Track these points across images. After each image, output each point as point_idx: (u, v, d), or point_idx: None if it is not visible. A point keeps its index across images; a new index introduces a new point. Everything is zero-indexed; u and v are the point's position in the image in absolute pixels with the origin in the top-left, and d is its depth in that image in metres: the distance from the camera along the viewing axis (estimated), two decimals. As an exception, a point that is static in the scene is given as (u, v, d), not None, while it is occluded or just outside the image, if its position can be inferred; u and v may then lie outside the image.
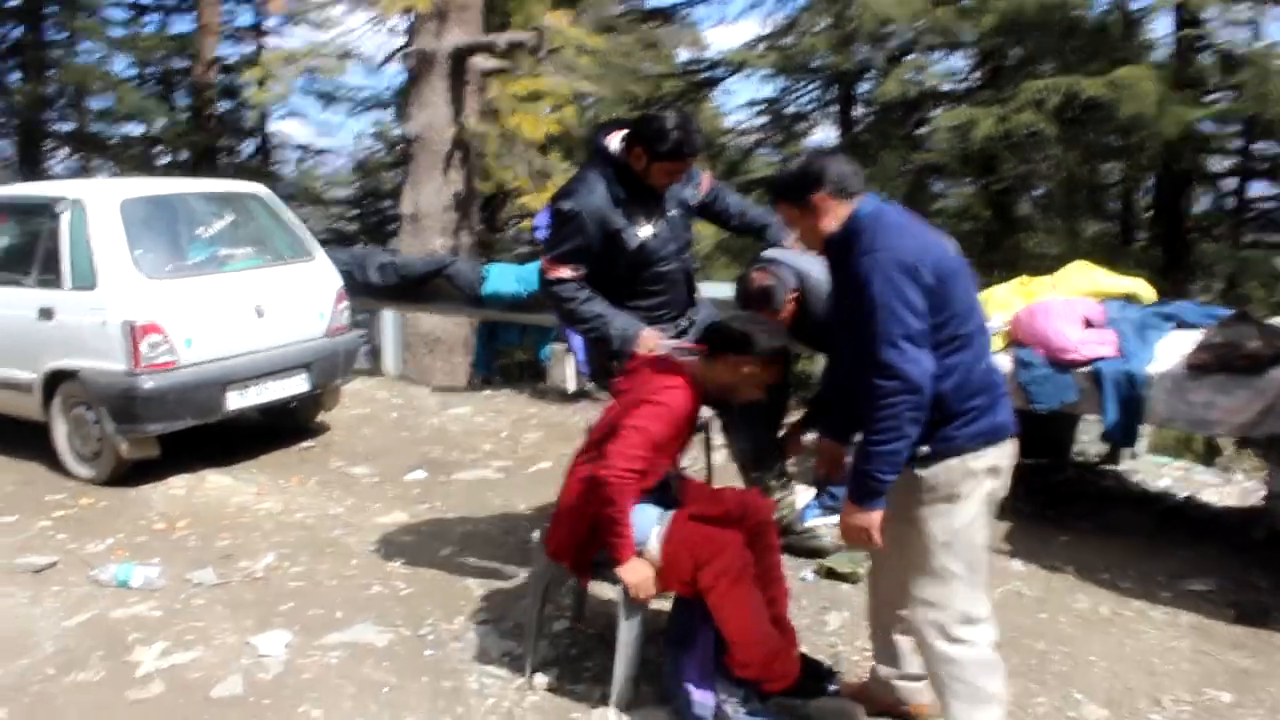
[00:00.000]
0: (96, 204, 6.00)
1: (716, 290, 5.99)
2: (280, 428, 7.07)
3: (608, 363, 4.14)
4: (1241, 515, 5.65)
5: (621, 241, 4.05)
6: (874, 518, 2.92)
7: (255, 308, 6.29)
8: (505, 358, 9.88)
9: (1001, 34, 12.19)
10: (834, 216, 2.99)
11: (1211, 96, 12.37)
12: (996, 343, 5.36)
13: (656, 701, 3.64)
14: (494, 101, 10.23)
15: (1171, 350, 5.09)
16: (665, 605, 4.12)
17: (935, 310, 2.81)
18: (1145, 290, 5.81)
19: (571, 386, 8.08)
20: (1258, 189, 14.85)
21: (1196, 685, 3.80)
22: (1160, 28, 13.51)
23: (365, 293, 8.29)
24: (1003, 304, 5.69)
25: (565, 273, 4.05)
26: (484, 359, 8.70)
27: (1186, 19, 12.07)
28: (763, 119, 17.24)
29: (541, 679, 3.80)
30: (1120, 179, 14.11)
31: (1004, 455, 3.01)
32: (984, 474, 2.95)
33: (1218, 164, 14.73)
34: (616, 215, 4.01)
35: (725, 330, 3.53)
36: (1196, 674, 3.87)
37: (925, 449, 2.92)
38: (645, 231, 4.08)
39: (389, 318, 9.10)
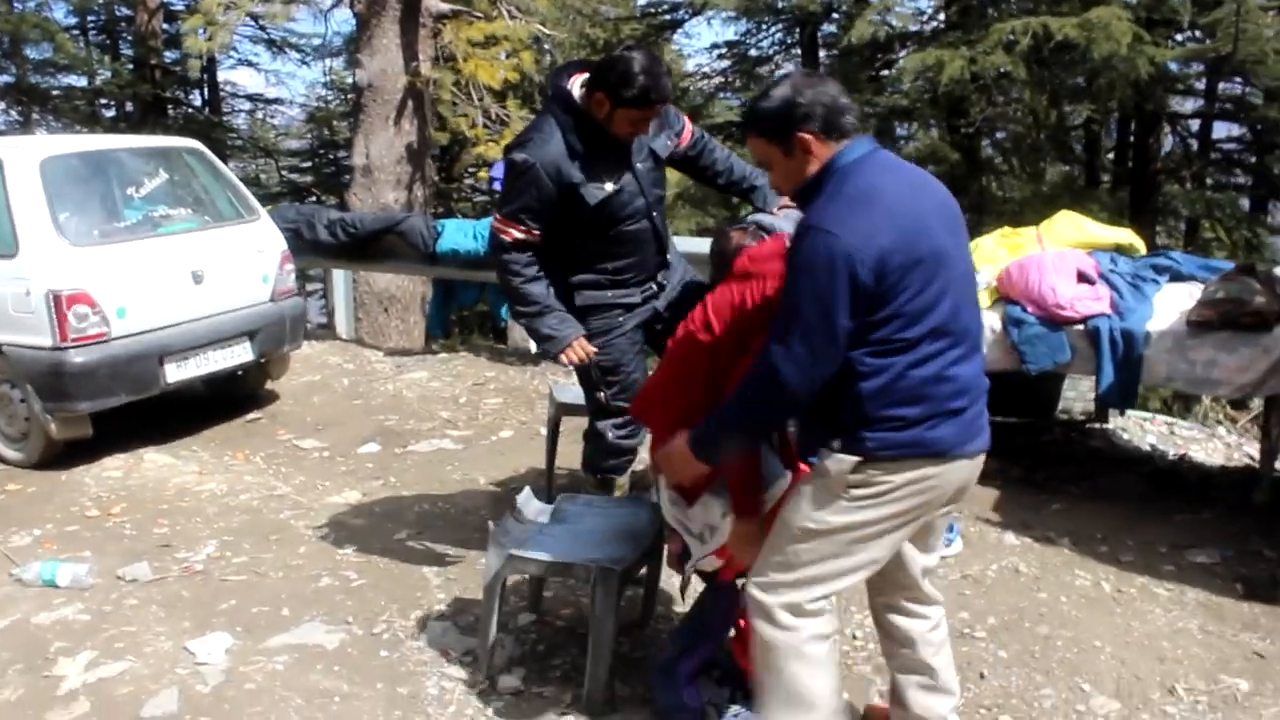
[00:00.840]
0: (15, 164, 5.47)
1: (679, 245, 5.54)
2: (225, 399, 6.60)
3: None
4: (1236, 475, 5.38)
5: (580, 198, 3.61)
6: (687, 465, 2.66)
7: (193, 273, 5.81)
8: (457, 317, 9.45)
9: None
10: (817, 159, 2.49)
11: (1180, 36, 12.09)
12: (983, 299, 5.03)
13: (635, 703, 3.29)
14: (449, 47, 9.68)
15: (1169, 306, 4.76)
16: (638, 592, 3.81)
17: (871, 309, 2.34)
18: (1135, 241, 5.48)
19: (534, 347, 7.66)
20: (1221, 130, 14.65)
21: (1211, 672, 3.50)
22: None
23: (314, 251, 7.79)
24: (989, 257, 5.34)
25: (517, 233, 3.62)
26: (439, 320, 8.23)
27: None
28: (725, 63, 16.77)
29: (508, 680, 3.44)
30: (1084, 121, 13.79)
31: (937, 476, 2.47)
32: (897, 490, 2.46)
33: (1180, 105, 14.49)
34: (574, 168, 3.57)
35: None
36: (1210, 659, 3.57)
37: (836, 443, 2.48)
38: (608, 187, 3.65)
39: (340, 277, 8.61)
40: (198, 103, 20.85)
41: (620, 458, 4.10)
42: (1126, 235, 5.48)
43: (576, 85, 3.62)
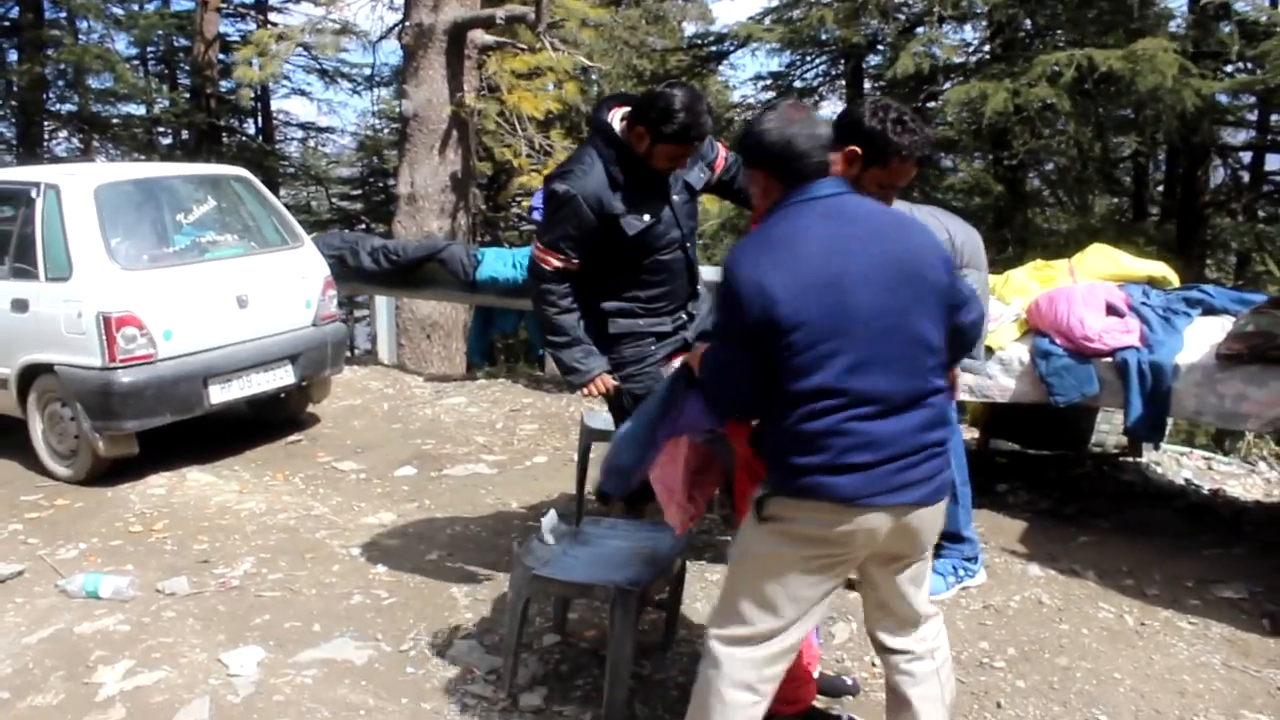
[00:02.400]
0: (71, 190, 5.70)
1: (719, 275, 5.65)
2: (267, 421, 6.78)
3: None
4: (1270, 511, 5.35)
5: (619, 229, 3.72)
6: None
7: (238, 297, 5.99)
8: (502, 345, 9.59)
9: (1015, 4, 11.81)
10: (767, 194, 2.58)
11: (1229, 68, 12.02)
12: (1013, 331, 5.07)
13: (652, 724, 3.36)
14: (493, 78, 9.88)
15: (1200, 339, 4.77)
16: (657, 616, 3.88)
17: (761, 351, 2.42)
18: (1168, 274, 5.49)
19: (569, 374, 7.81)
20: (1274, 162, 14.49)
21: (1231, 707, 3.50)
22: (1175, -2, 13.07)
23: (358, 278, 7.99)
24: (1019, 289, 5.38)
25: (556, 261, 3.73)
26: (478, 346, 8.39)
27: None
28: (769, 94, 16.86)
29: (530, 699, 3.52)
30: (1132, 153, 13.72)
31: (846, 523, 2.45)
32: (800, 526, 2.49)
33: (1232, 137, 14.36)
34: (614, 200, 3.68)
35: None
36: (1231, 694, 3.56)
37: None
38: (646, 218, 3.76)
39: (383, 304, 8.81)
40: (251, 131, 21.34)
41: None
42: (1159, 268, 5.49)
43: (617, 118, 3.74)
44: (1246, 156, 14.24)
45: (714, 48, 17.02)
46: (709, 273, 5.61)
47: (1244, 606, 4.18)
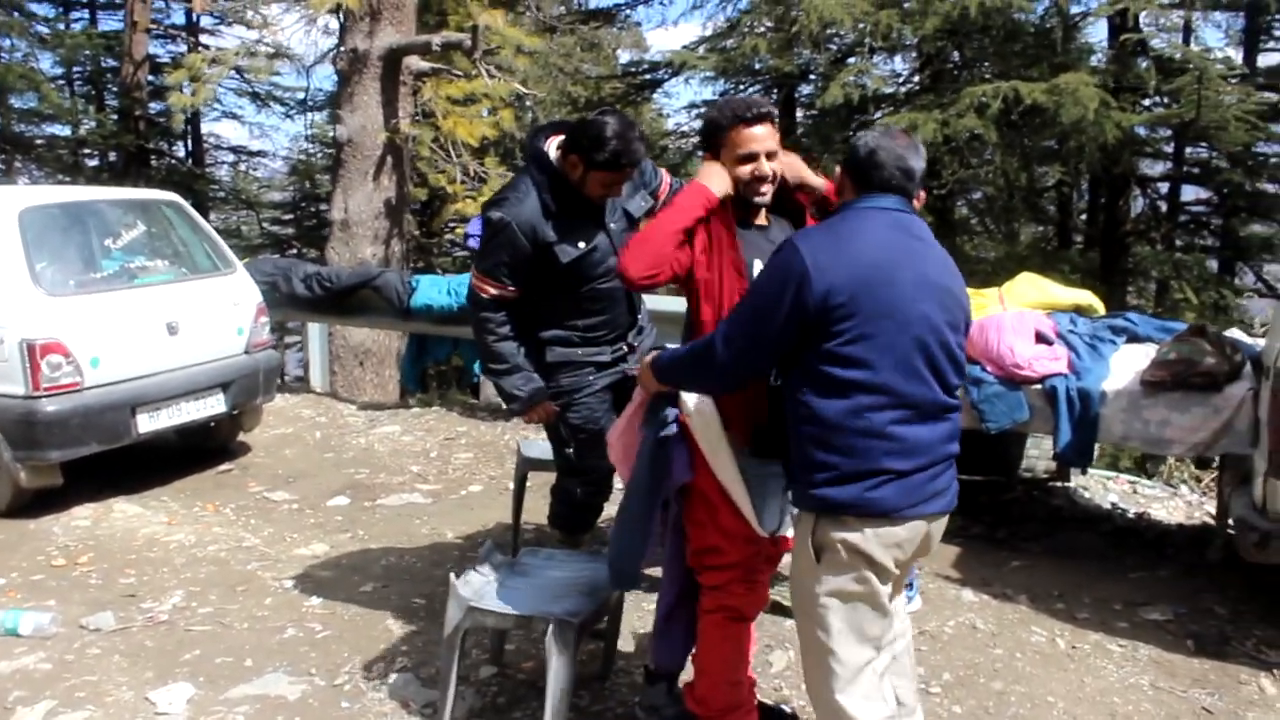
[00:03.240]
0: (-7, 214, 5.54)
1: (669, 304, 5.62)
2: (197, 450, 6.63)
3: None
4: (1192, 533, 5.48)
5: (553, 256, 3.72)
6: (648, 380, 2.95)
7: (168, 324, 5.87)
8: (436, 373, 9.51)
9: (944, 37, 12.05)
10: (842, 194, 2.76)
11: (1146, 101, 12.38)
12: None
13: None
14: (428, 104, 9.84)
15: (1125, 366, 4.88)
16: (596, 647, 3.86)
17: (809, 335, 2.54)
18: (1094, 302, 5.62)
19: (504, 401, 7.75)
20: (1189, 193, 14.94)
21: (1160, 728, 3.56)
22: (1096, 33, 13.46)
23: (290, 305, 7.88)
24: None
25: (494, 289, 3.72)
26: (412, 374, 8.30)
27: (1121, 25, 12.04)
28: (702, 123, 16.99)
29: (466, 733, 3.48)
30: (1056, 183, 14.05)
31: (889, 535, 2.61)
32: (858, 546, 2.60)
33: (1150, 168, 14.77)
34: (548, 227, 3.68)
35: None
36: (1159, 715, 3.63)
37: (789, 493, 2.82)
38: (581, 246, 3.76)
39: (315, 331, 8.69)
40: (181, 154, 21.00)
41: (587, 516, 4.17)
42: (1086, 296, 5.62)
43: (552, 146, 3.74)
44: (1164, 187, 14.66)
45: (648, 75, 17.14)
46: (659, 303, 5.65)
47: (1170, 628, 4.27)
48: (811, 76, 14.53)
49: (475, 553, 5.01)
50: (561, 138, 3.74)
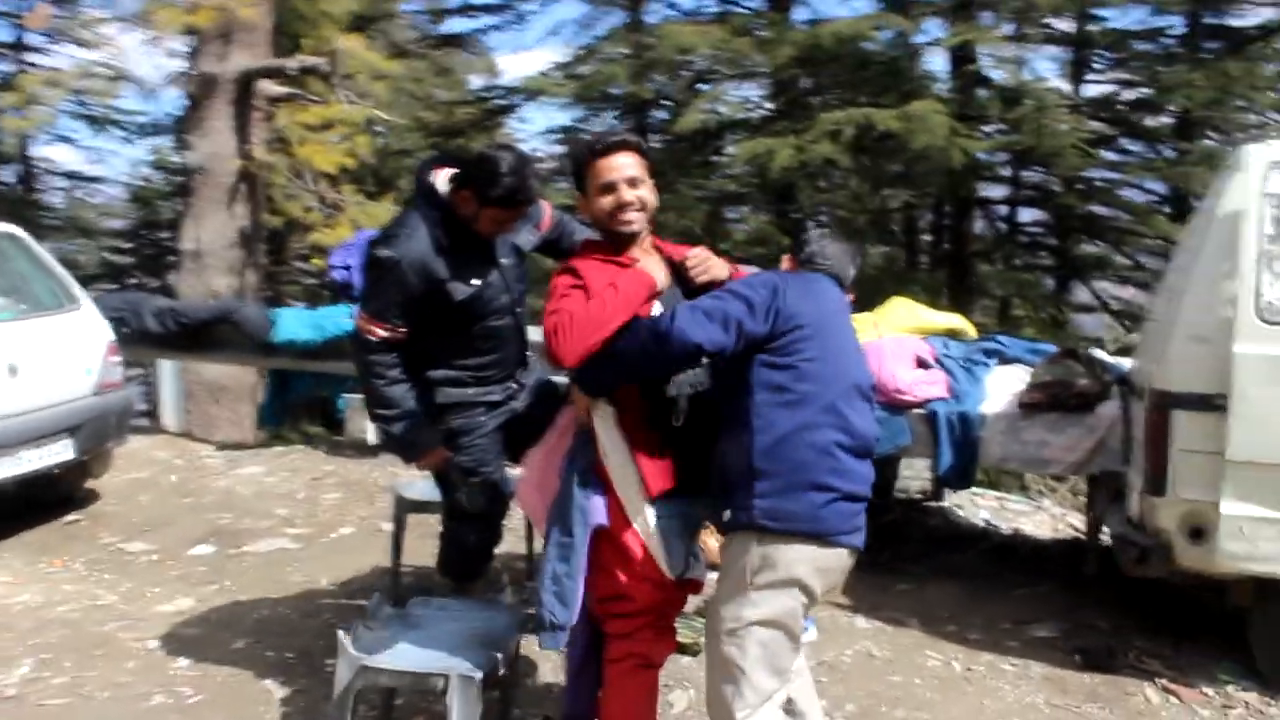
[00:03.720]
0: None
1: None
2: (40, 501, 6.10)
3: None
4: (1065, 547, 5.60)
5: (446, 295, 3.53)
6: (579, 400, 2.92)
7: (8, 365, 5.40)
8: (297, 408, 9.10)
9: (797, 65, 12.25)
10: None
11: (988, 128, 12.82)
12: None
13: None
14: (283, 130, 9.44)
15: (1001, 388, 4.95)
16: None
17: (772, 336, 2.65)
18: (965, 326, 5.71)
19: (372, 439, 7.40)
20: (1025, 215, 15.58)
21: (1060, 748, 3.58)
22: (939, 64, 13.91)
23: (141, 342, 7.37)
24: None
25: (382, 331, 3.50)
26: (274, 412, 7.89)
27: (962, 56, 12.46)
28: (559, 148, 16.87)
29: (358, 800, 3.23)
30: (903, 205, 14.44)
31: (825, 559, 2.68)
32: (795, 570, 2.66)
33: (990, 191, 15.34)
34: (440, 265, 3.49)
35: None
36: (1058, 735, 3.65)
37: (727, 512, 2.77)
38: (473, 283, 3.58)
39: (167, 367, 8.17)
40: (10, 179, 19.74)
41: (479, 562, 3.98)
42: (957, 320, 5.70)
43: (441, 180, 3.55)
44: (1003, 209, 15.23)
45: (502, 101, 16.94)
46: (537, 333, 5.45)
47: (1057, 644, 4.33)
48: (665, 102, 14.60)
49: (352, 601, 4.80)
50: (451, 171, 3.57)
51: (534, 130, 36.69)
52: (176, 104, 16.77)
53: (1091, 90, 14.16)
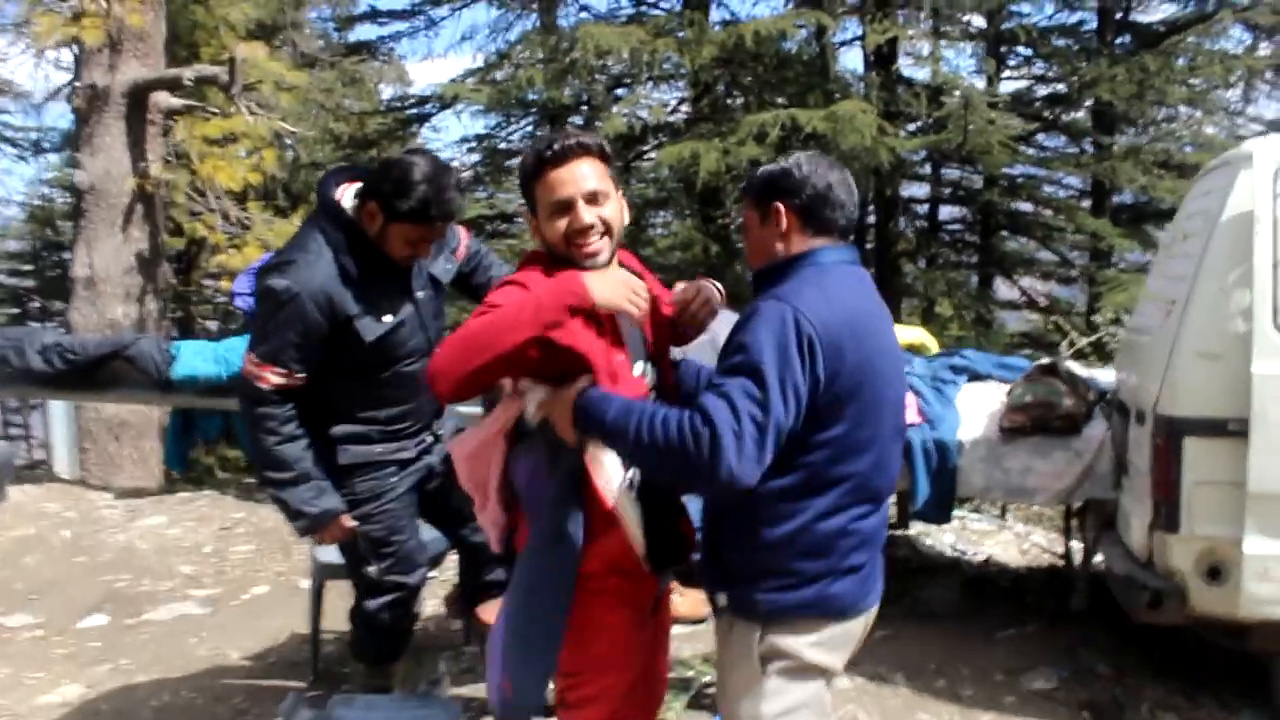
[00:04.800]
0: None
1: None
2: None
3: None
4: (1044, 577, 5.13)
5: (354, 333, 2.91)
6: (564, 420, 2.10)
7: None
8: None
9: (719, 66, 11.77)
10: (786, 240, 2.18)
11: (911, 126, 12.49)
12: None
13: None
14: (182, 145, 8.62)
15: (975, 410, 4.46)
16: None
17: (810, 419, 1.97)
18: (926, 340, 5.23)
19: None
20: (945, 213, 15.35)
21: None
22: (855, 62, 13.62)
23: (26, 381, 6.52)
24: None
25: (275, 378, 2.85)
26: (177, 455, 7.08)
27: (883, 54, 12.10)
28: (475, 156, 16.16)
29: None
30: (828, 207, 14.05)
31: (842, 633, 2.17)
32: (809, 653, 2.13)
33: (911, 190, 15.07)
34: (347, 297, 2.86)
35: None
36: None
37: (722, 597, 2.15)
38: (387, 319, 2.95)
39: (59, 408, 7.32)
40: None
41: (396, 641, 3.35)
42: (918, 334, 5.24)
43: (348, 196, 2.93)
44: (924, 208, 14.95)
45: (416, 110, 16.17)
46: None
47: (1059, 697, 3.84)
48: (584, 107, 14.01)
49: (268, 680, 4.13)
50: (357, 186, 2.94)
51: (449, 140, 35.73)
52: (66, 119, 15.68)
53: (1006, 86, 13.96)
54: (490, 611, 3.22)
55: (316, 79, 15.60)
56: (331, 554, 4.07)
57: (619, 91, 13.58)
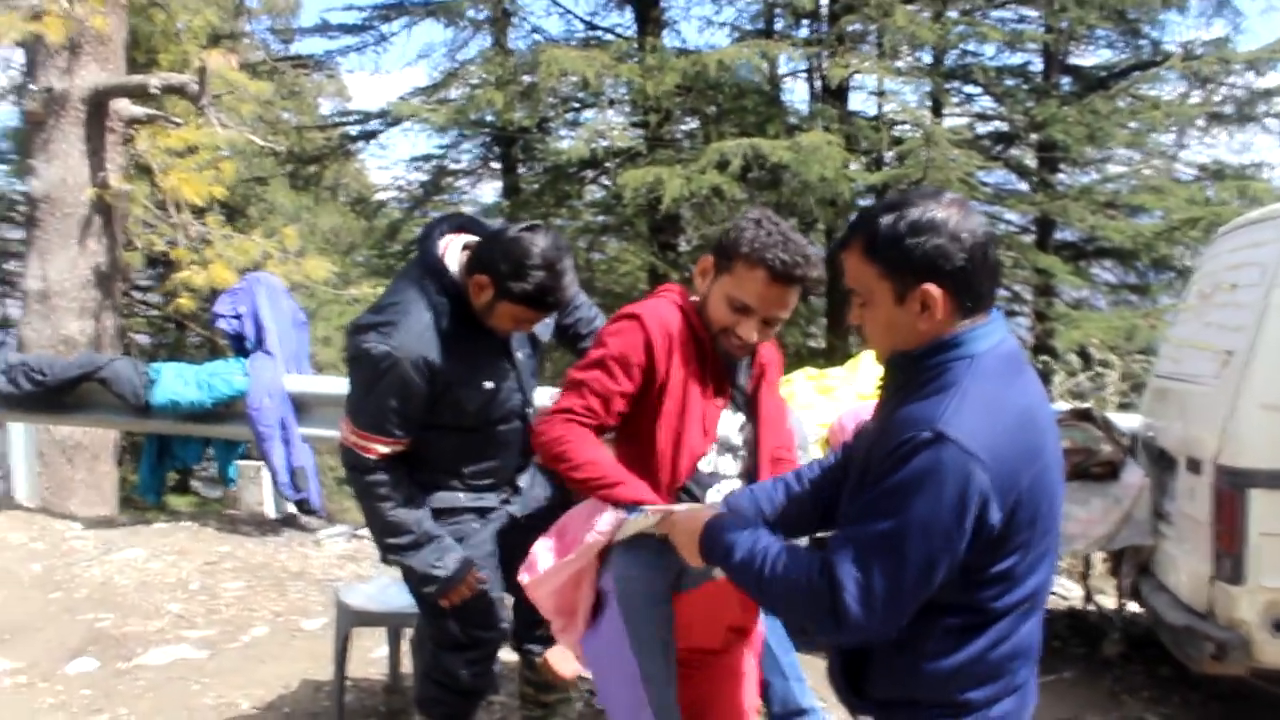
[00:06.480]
0: None
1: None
2: None
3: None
4: (1066, 619, 5.08)
5: (456, 401, 2.73)
6: (689, 546, 1.98)
7: None
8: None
9: (679, 94, 11.73)
10: (933, 328, 1.74)
11: (863, 160, 12.59)
12: (818, 453, 4.50)
13: None
14: (143, 156, 8.20)
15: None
16: None
17: (980, 563, 1.70)
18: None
19: (271, 511, 6.35)
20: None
21: None
22: (801, 93, 13.71)
23: (-12, 402, 6.13)
24: (806, 404, 4.85)
25: (382, 448, 2.66)
26: (152, 483, 6.67)
27: (829, 90, 12.19)
28: (423, 175, 15.82)
29: None
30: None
31: None
32: None
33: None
34: (449, 362, 2.67)
35: None
36: None
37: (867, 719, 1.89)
38: (486, 386, 2.77)
39: (18, 432, 6.84)
40: None
41: (471, 702, 3.13)
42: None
43: (452, 252, 2.73)
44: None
45: (357, 128, 15.76)
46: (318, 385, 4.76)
47: (1113, 751, 3.77)
48: (542, 129, 13.81)
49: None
50: (464, 240, 2.75)
51: (396, 158, 35.04)
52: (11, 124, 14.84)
53: (947, 123, 14.18)
54: (565, 665, 3.07)
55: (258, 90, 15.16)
56: (359, 597, 3.85)
57: (573, 115, 13.49)
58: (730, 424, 2.45)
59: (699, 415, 2.35)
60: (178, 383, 5.86)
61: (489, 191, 15.99)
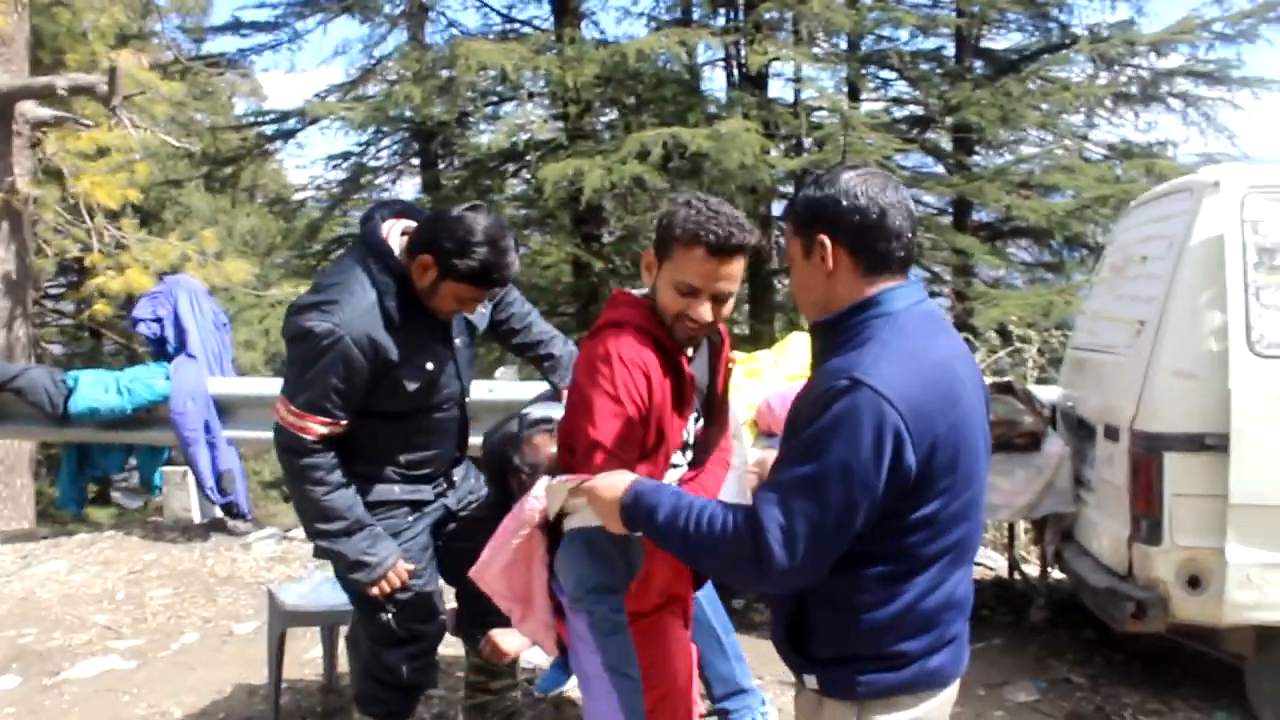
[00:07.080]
0: None
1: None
2: None
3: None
4: (993, 588, 5.20)
5: (395, 381, 2.71)
6: (610, 516, 1.95)
7: None
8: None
9: (599, 84, 11.70)
10: (834, 280, 1.85)
11: (783, 146, 12.69)
12: (749, 436, 4.54)
13: None
14: (53, 159, 7.97)
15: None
16: None
17: (901, 508, 1.76)
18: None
19: (197, 516, 6.22)
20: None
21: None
22: (718, 80, 13.80)
23: (-105, 417, 5.91)
24: (733, 388, 4.87)
25: (319, 427, 2.64)
26: (73, 493, 6.47)
27: (748, 77, 12.27)
28: (341, 174, 15.56)
29: None
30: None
31: (936, 708, 1.94)
32: None
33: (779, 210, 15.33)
34: (390, 343, 2.65)
35: None
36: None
37: (811, 679, 1.91)
38: (427, 367, 2.75)
39: (-71, 445, 6.66)
40: None
41: (411, 697, 3.11)
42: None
43: (395, 235, 2.71)
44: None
45: (274, 127, 15.44)
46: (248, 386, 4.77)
47: (1043, 709, 3.88)
48: (462, 124, 13.69)
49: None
50: (405, 225, 2.73)
51: (314, 156, 34.42)
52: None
53: (864, 108, 14.36)
54: (510, 641, 3.07)
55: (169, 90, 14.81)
56: (293, 596, 3.80)
57: (493, 109, 13.38)
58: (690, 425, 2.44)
59: (675, 436, 2.31)
60: (97, 389, 5.71)
61: (409, 187, 15.77)
